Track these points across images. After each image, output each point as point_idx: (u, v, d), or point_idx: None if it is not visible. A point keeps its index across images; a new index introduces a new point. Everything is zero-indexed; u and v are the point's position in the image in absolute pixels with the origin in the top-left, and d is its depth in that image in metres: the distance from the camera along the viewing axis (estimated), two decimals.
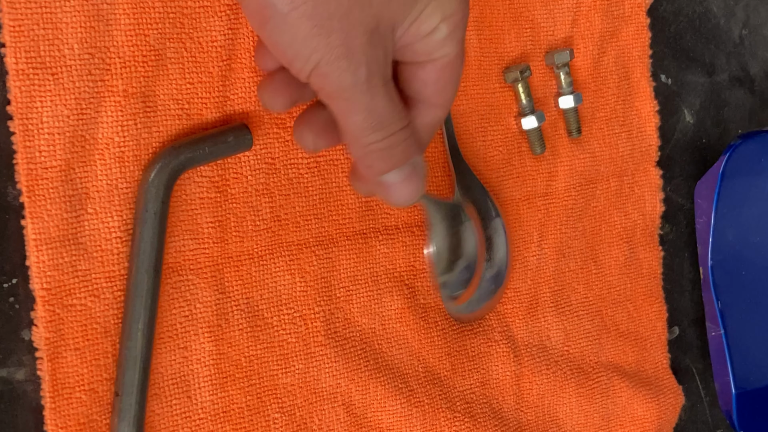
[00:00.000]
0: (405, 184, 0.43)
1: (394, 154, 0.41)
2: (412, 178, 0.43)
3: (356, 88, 0.39)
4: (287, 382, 0.49)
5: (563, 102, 0.57)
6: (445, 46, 0.41)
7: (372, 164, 0.42)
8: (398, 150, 0.41)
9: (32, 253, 0.42)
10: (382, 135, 0.41)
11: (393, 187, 0.43)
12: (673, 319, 0.64)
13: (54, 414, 0.43)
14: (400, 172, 0.42)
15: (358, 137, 0.41)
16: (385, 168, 0.42)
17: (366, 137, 0.40)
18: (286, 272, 0.49)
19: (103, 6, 0.43)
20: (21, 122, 0.42)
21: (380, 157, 0.41)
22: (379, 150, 0.41)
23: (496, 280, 0.55)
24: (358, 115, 0.40)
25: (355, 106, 0.39)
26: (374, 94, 0.39)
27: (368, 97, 0.39)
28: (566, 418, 0.58)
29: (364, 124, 0.40)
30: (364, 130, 0.40)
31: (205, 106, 0.46)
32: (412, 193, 0.43)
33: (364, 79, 0.39)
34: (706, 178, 0.61)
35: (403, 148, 0.42)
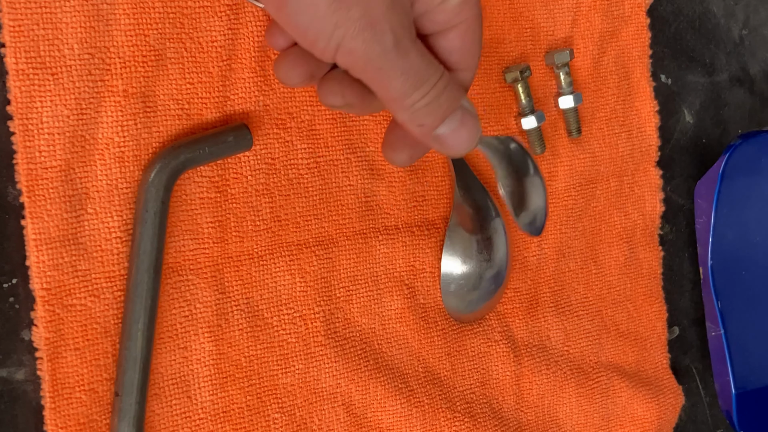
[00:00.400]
0: (461, 131, 0.42)
1: (441, 104, 0.41)
2: (466, 122, 0.42)
3: (387, 55, 0.38)
4: (287, 382, 0.49)
5: (563, 102, 0.57)
6: (462, 11, 0.41)
7: (423, 121, 0.41)
8: (444, 99, 0.41)
9: (32, 253, 0.42)
10: (424, 91, 0.40)
11: (451, 137, 0.42)
12: (673, 319, 0.64)
13: (54, 414, 0.43)
14: (453, 119, 0.42)
15: (401, 101, 0.40)
16: (437, 121, 0.41)
17: (409, 98, 0.40)
18: (286, 272, 0.49)
19: (103, 6, 0.43)
20: (21, 122, 0.42)
21: (429, 112, 0.41)
22: (425, 105, 0.41)
23: (496, 280, 0.55)
24: (396, 80, 0.39)
25: (391, 73, 0.39)
26: (405, 55, 0.39)
27: (401, 60, 0.39)
28: (566, 418, 0.58)
29: (404, 87, 0.40)
30: (406, 92, 0.40)
31: (205, 106, 0.46)
32: (471, 137, 0.43)
33: (392, 45, 0.38)
34: (706, 178, 0.61)
35: (447, 96, 0.41)
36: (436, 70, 0.41)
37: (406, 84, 0.40)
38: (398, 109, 0.41)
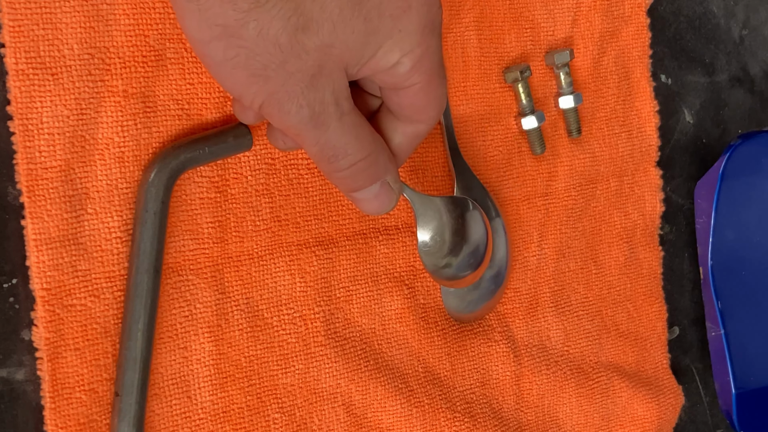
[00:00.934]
0: (374, 200, 0.44)
1: (358, 179, 0.42)
2: (380, 196, 0.43)
3: (302, 125, 0.39)
4: (287, 382, 0.49)
5: (563, 102, 0.57)
6: (412, 77, 0.41)
7: (338, 185, 0.43)
8: (362, 176, 0.42)
9: (32, 253, 0.42)
10: (343, 164, 0.41)
11: (362, 202, 0.44)
12: (673, 319, 0.64)
13: (54, 414, 0.43)
14: (369, 191, 0.43)
15: (320, 165, 0.41)
16: (351, 189, 0.43)
17: (326, 165, 0.41)
18: (286, 272, 0.49)
19: (102, 6, 0.43)
20: (21, 122, 0.42)
21: (343, 182, 0.42)
22: (342, 177, 0.42)
23: (496, 280, 0.55)
24: (312, 147, 0.40)
25: (307, 140, 0.40)
26: (324, 130, 0.40)
27: (318, 133, 0.40)
28: (566, 418, 0.58)
29: (320, 155, 0.41)
30: (321, 160, 0.41)
31: (205, 106, 0.46)
32: (381, 208, 0.44)
33: (308, 119, 0.39)
34: (706, 178, 0.61)
35: (367, 174, 0.42)
36: (361, 149, 0.41)
37: (322, 154, 0.40)
38: (320, 167, 0.42)
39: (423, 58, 0.40)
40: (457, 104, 0.54)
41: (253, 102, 0.38)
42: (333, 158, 0.41)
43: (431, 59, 0.41)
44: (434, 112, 0.43)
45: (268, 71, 0.37)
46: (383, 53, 0.39)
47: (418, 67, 0.40)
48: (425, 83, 0.41)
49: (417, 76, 0.41)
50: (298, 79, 0.38)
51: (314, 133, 0.40)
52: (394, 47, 0.39)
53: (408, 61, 0.40)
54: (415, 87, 0.41)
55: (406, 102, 0.42)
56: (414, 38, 0.39)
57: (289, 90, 0.38)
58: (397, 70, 0.40)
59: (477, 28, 0.55)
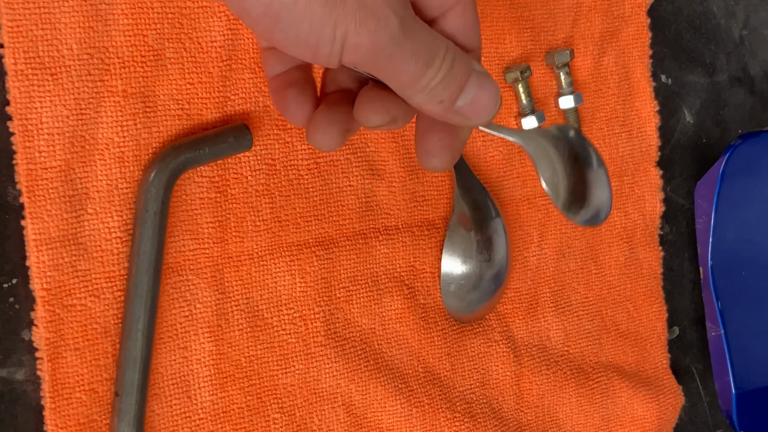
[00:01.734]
0: (482, 96, 0.40)
1: (456, 74, 0.40)
2: (484, 85, 0.41)
3: (395, 39, 0.37)
4: (287, 383, 0.49)
5: (563, 102, 0.57)
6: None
7: (442, 97, 0.40)
8: (457, 69, 0.40)
9: (32, 253, 0.42)
10: (437, 66, 0.39)
11: (473, 106, 0.40)
12: (673, 319, 0.64)
13: (54, 414, 0.43)
14: (470, 87, 0.40)
15: (416, 83, 0.39)
16: (456, 93, 0.40)
17: (424, 78, 0.39)
18: (286, 272, 0.49)
19: (101, 6, 0.43)
20: (20, 123, 0.42)
21: (446, 86, 0.39)
22: (441, 80, 0.39)
23: (496, 280, 0.55)
24: (408, 63, 0.38)
25: (403, 58, 0.38)
26: (413, 35, 0.38)
27: (410, 42, 0.38)
28: (566, 418, 0.58)
29: (417, 67, 0.38)
30: (420, 73, 0.38)
31: (205, 106, 0.46)
32: (493, 100, 0.41)
33: (399, 28, 0.37)
34: (706, 178, 0.61)
35: (459, 65, 0.40)
36: (442, 42, 0.39)
37: (419, 64, 0.38)
38: (414, 92, 0.39)
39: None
40: None
41: (335, 41, 0.36)
42: (431, 61, 0.38)
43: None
44: (479, 36, 0.42)
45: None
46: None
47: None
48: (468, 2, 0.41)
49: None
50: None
51: (409, 43, 0.37)
52: None
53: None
54: (459, 6, 0.40)
55: (455, 27, 0.41)
56: None
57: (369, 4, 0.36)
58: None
59: None
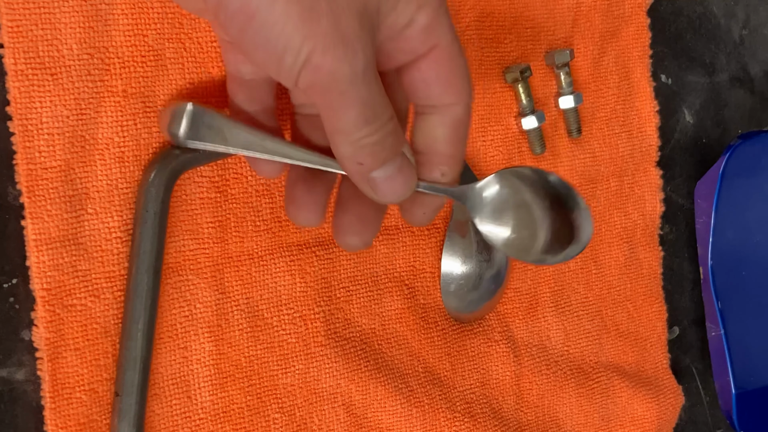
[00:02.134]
0: (397, 178, 0.40)
1: (386, 146, 0.39)
2: (403, 170, 0.40)
3: (353, 78, 0.36)
4: (287, 382, 0.49)
5: (563, 102, 0.57)
6: (430, 36, 0.39)
7: (364, 160, 0.39)
8: (389, 142, 0.39)
9: (32, 254, 0.42)
10: (375, 127, 0.38)
11: (385, 183, 0.40)
12: (673, 319, 0.64)
13: (54, 414, 0.43)
14: (392, 165, 0.40)
15: (349, 133, 0.38)
16: (377, 163, 0.39)
17: (359, 132, 0.38)
18: (286, 272, 0.49)
19: (101, 6, 0.43)
20: (20, 123, 0.42)
21: (372, 152, 0.39)
22: (371, 144, 0.38)
23: (496, 280, 0.55)
24: (354, 109, 0.37)
25: (351, 100, 0.37)
26: (370, 84, 0.37)
27: (365, 89, 0.36)
28: (566, 418, 0.58)
29: (359, 119, 0.37)
30: (357, 125, 0.37)
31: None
32: (407, 186, 0.41)
33: (362, 69, 0.36)
34: (706, 178, 0.61)
35: (392, 139, 0.39)
36: (389, 108, 0.38)
37: (361, 116, 0.37)
38: (342, 142, 0.38)
39: (437, 15, 0.38)
40: None
41: (299, 54, 0.35)
42: (372, 119, 0.37)
43: (445, 18, 0.39)
44: (463, 85, 0.41)
45: (320, 4, 0.34)
46: (402, 6, 0.37)
47: (435, 26, 0.38)
48: (446, 46, 0.39)
49: (435, 36, 0.39)
50: (351, 15, 0.35)
51: (362, 89, 0.36)
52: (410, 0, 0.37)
53: (423, 17, 0.38)
54: (435, 53, 0.39)
55: (428, 76, 0.40)
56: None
57: (343, 30, 0.35)
58: (412, 29, 0.38)
59: (477, 28, 0.55)
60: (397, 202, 0.42)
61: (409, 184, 0.41)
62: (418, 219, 0.44)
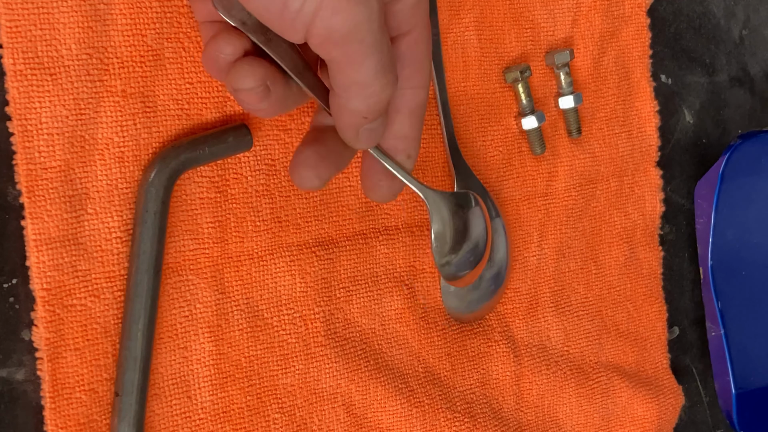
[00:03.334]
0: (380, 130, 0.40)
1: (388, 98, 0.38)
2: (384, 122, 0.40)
3: (371, 24, 0.34)
4: (287, 383, 0.49)
5: (563, 102, 0.57)
6: (415, 14, 0.38)
7: (371, 114, 0.38)
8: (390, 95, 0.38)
9: (32, 254, 0.42)
10: (389, 78, 0.36)
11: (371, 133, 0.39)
12: (673, 319, 0.64)
13: (54, 414, 0.43)
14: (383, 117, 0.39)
15: (369, 84, 0.36)
16: (378, 116, 0.39)
17: (378, 82, 0.36)
18: (286, 273, 0.49)
19: (100, 6, 0.43)
20: (20, 123, 0.42)
21: (382, 105, 0.38)
22: (385, 97, 0.37)
23: (496, 280, 0.55)
24: (374, 58, 0.35)
25: (371, 48, 0.35)
26: (383, 30, 0.35)
27: (381, 35, 0.35)
28: (566, 418, 0.58)
29: (378, 68, 0.35)
30: (377, 75, 0.36)
31: (205, 106, 0.46)
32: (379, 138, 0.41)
33: (377, 14, 0.34)
34: (706, 178, 0.61)
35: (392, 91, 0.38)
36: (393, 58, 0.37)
37: (380, 65, 0.35)
38: (357, 95, 0.37)
39: None
40: (457, 104, 0.54)
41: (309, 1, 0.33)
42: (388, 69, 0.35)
43: (427, 2, 0.38)
44: (428, 69, 0.40)
45: None
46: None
47: (420, 6, 0.38)
48: (422, 28, 0.39)
49: (418, 15, 0.38)
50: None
51: (380, 36, 0.34)
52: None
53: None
54: (414, 32, 0.39)
55: (405, 54, 0.39)
56: None
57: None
58: (403, 3, 0.37)
59: (477, 28, 0.55)
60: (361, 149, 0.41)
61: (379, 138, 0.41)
62: (381, 193, 0.44)
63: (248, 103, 0.40)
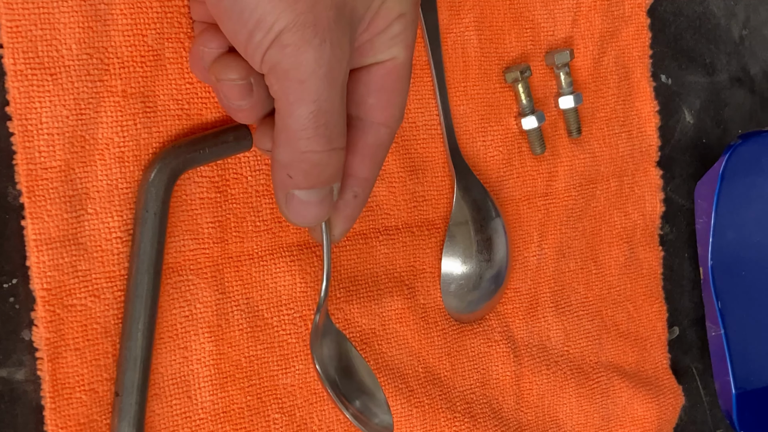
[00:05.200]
0: (314, 207, 0.39)
1: (324, 171, 0.37)
2: (325, 202, 0.39)
3: (316, 69, 0.34)
4: (287, 383, 0.49)
5: (563, 102, 0.57)
6: (393, 46, 0.38)
7: (296, 175, 0.37)
8: (330, 168, 0.37)
9: (32, 254, 0.42)
10: (322, 143, 0.36)
11: (301, 206, 0.38)
12: (673, 319, 0.64)
13: (54, 414, 0.43)
14: (319, 192, 0.38)
15: (296, 137, 0.36)
16: (306, 184, 0.37)
17: (305, 140, 0.35)
18: (286, 272, 0.49)
19: (100, 6, 0.43)
20: (20, 123, 0.42)
21: (308, 171, 0.36)
22: (313, 162, 0.36)
23: (496, 280, 0.55)
24: (307, 107, 0.35)
25: (308, 93, 0.35)
26: (332, 85, 0.35)
27: (326, 88, 0.34)
28: (566, 418, 0.58)
29: (309, 122, 0.35)
30: (306, 130, 0.35)
31: (205, 106, 0.46)
32: (318, 216, 0.39)
33: (327, 61, 0.34)
34: (706, 178, 0.61)
35: (335, 168, 0.37)
36: (343, 134, 0.36)
37: (312, 118, 0.35)
38: (284, 144, 0.36)
39: (408, 28, 0.37)
40: (457, 104, 0.54)
41: (269, 31, 0.34)
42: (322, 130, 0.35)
43: (412, 34, 0.38)
44: (398, 110, 0.39)
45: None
46: (386, 9, 0.36)
47: (403, 38, 0.37)
48: (402, 61, 0.38)
49: (398, 47, 0.37)
50: (327, 6, 0.33)
51: (322, 85, 0.34)
52: (396, 4, 0.36)
53: (399, 25, 0.37)
54: (390, 64, 0.38)
55: (376, 83, 0.38)
56: (410, 2, 0.36)
57: (318, 16, 0.33)
58: (387, 33, 0.36)
59: (477, 28, 0.55)
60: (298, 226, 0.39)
61: (320, 218, 0.39)
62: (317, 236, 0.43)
63: (230, 97, 0.39)
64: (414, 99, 0.52)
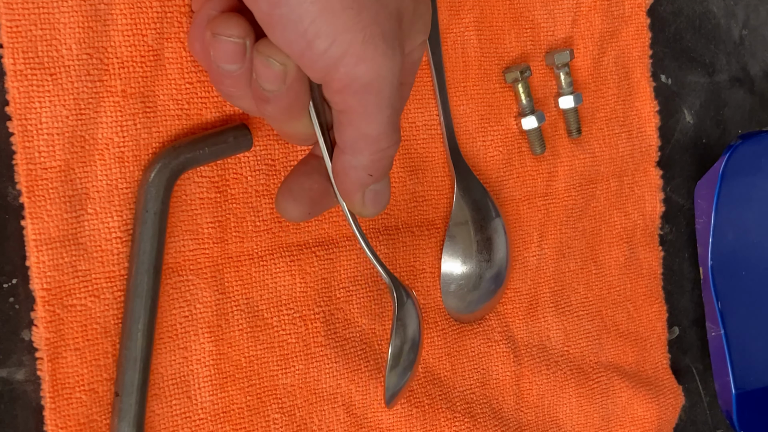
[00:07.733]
0: (389, 188, 0.40)
1: (391, 162, 0.38)
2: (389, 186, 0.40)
3: (393, 77, 0.34)
4: (287, 383, 0.49)
5: (563, 102, 0.57)
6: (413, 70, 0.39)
7: (376, 172, 0.38)
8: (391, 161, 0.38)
9: (32, 254, 0.42)
10: (395, 138, 0.36)
11: (381, 195, 0.40)
12: (673, 319, 0.64)
13: (54, 414, 0.43)
14: (387, 180, 0.39)
15: (377, 140, 0.36)
16: (382, 176, 0.38)
17: (386, 139, 0.36)
18: (286, 273, 0.49)
19: (100, 6, 0.43)
20: (20, 123, 0.42)
21: (387, 164, 0.37)
22: (389, 156, 0.37)
23: (496, 280, 0.55)
24: (386, 114, 0.35)
25: (386, 102, 0.34)
26: (401, 91, 0.35)
27: (398, 93, 0.35)
28: (566, 418, 0.58)
29: (388, 125, 0.35)
30: (387, 131, 0.35)
31: (205, 106, 0.46)
32: (385, 203, 0.41)
33: (399, 66, 0.34)
34: (706, 178, 0.61)
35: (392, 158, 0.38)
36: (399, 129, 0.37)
37: (390, 122, 0.35)
38: (364, 149, 0.36)
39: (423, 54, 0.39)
40: (457, 104, 0.54)
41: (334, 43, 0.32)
42: (396, 128, 0.35)
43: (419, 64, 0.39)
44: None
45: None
46: (417, 29, 0.35)
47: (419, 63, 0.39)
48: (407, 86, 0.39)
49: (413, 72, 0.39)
50: (389, 16, 0.33)
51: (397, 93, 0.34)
52: (422, 27, 0.35)
53: (421, 50, 0.37)
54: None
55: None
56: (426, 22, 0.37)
57: (383, 27, 0.32)
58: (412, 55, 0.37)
59: (477, 28, 0.55)
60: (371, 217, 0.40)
61: (386, 203, 0.40)
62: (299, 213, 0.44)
63: (221, 58, 0.38)
64: (414, 99, 0.52)
